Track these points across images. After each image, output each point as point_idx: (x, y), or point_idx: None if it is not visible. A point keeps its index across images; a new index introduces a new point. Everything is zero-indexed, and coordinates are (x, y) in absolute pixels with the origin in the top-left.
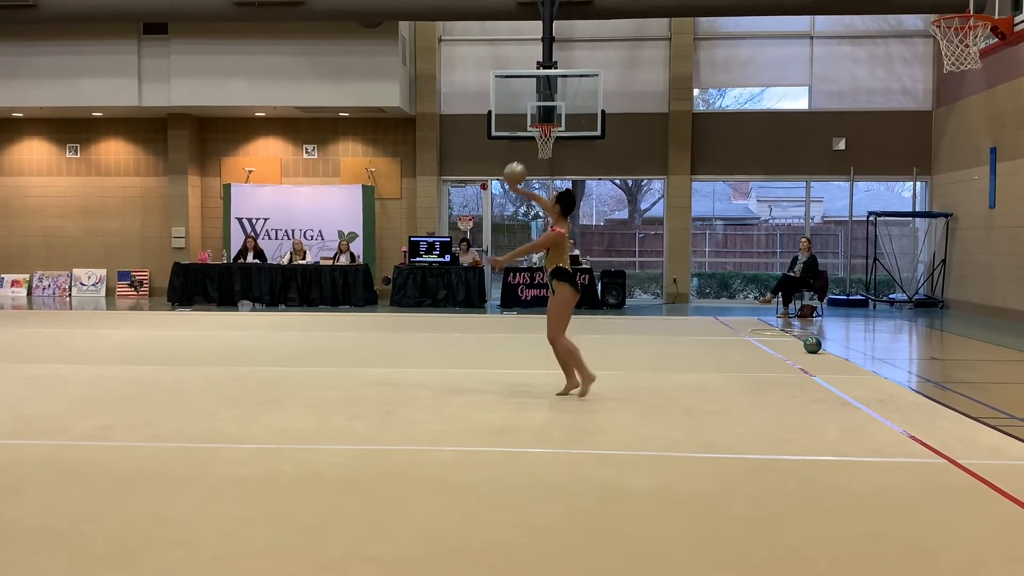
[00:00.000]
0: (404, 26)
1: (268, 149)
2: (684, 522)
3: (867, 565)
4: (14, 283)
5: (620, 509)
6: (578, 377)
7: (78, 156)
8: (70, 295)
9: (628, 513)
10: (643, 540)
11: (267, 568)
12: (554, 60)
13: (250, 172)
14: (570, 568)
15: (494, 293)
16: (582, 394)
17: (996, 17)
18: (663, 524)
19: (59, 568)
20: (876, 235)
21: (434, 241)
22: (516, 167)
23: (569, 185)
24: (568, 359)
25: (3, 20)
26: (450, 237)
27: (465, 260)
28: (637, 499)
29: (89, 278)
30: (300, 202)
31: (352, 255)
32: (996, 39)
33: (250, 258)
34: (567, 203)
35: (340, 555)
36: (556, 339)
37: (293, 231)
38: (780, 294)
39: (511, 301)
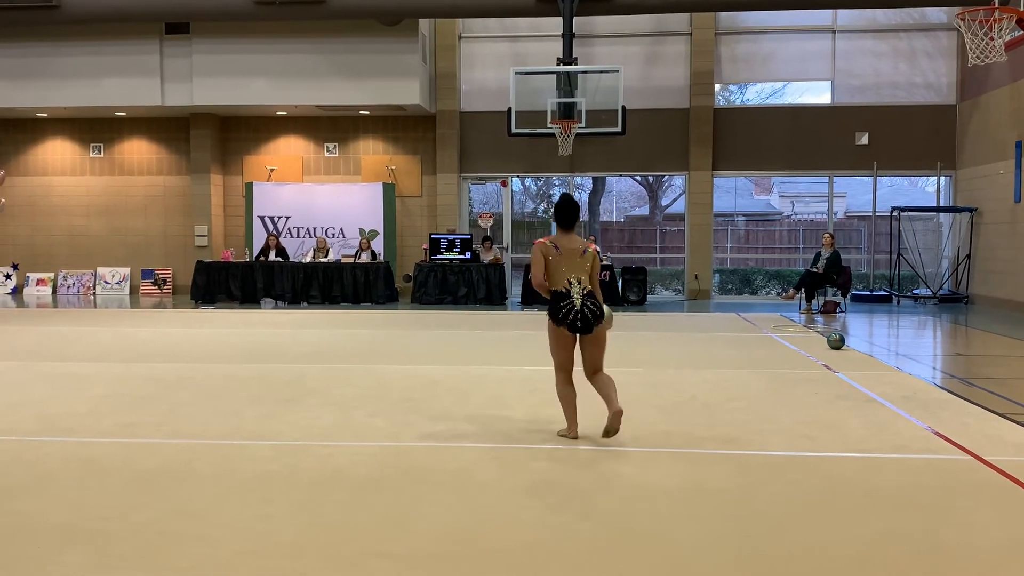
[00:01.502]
0: (424, 24)
1: (289, 148)
2: (705, 519)
3: (890, 563)
4: (39, 282)
5: (641, 506)
6: (566, 421)
7: (101, 156)
8: (94, 293)
9: (649, 510)
10: (664, 537)
11: (288, 564)
12: (574, 56)
13: (272, 171)
14: (591, 565)
15: (515, 290)
16: (565, 433)
17: (1022, 9)
18: (684, 521)
19: (83, 565)
20: (900, 230)
21: (454, 238)
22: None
23: (586, 183)
24: (560, 399)
25: (26, 21)
26: (471, 234)
27: (487, 257)
28: (658, 496)
29: (113, 276)
30: (321, 200)
31: (373, 253)
32: (1022, 31)
33: (272, 256)
34: (556, 213)
35: (361, 552)
36: (556, 373)
37: (315, 229)
38: (803, 290)
39: (532, 298)
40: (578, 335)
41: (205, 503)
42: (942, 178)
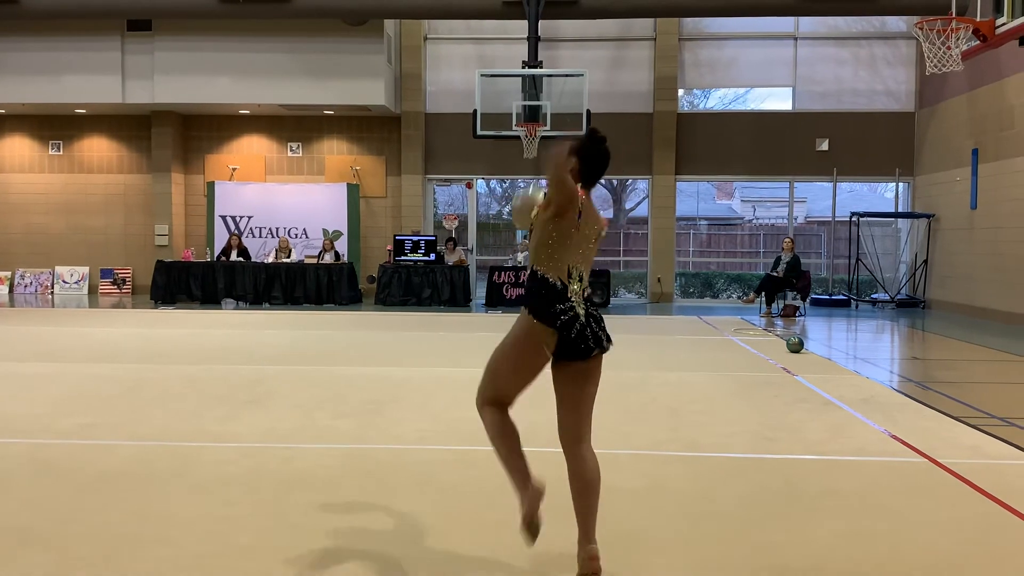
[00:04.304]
0: (390, 24)
1: (252, 147)
2: (667, 521)
3: (849, 563)
4: None
5: (604, 508)
6: (513, 488)
7: (61, 153)
8: (52, 293)
9: (612, 512)
10: (627, 538)
11: (251, 567)
12: (539, 59)
13: (234, 170)
14: (556, 567)
15: (479, 292)
16: (524, 522)
17: (978, 19)
18: (647, 523)
19: (42, 568)
20: (859, 235)
21: (419, 240)
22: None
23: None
24: (496, 449)
25: None
26: (435, 236)
27: (451, 259)
28: (621, 498)
29: (71, 276)
30: (284, 200)
31: (337, 253)
32: (978, 41)
33: (234, 256)
34: (587, 162)
35: (323, 554)
36: (480, 404)
37: (277, 229)
38: (763, 294)
39: (496, 300)
40: (555, 361)
41: (166, 505)
42: (901, 184)
